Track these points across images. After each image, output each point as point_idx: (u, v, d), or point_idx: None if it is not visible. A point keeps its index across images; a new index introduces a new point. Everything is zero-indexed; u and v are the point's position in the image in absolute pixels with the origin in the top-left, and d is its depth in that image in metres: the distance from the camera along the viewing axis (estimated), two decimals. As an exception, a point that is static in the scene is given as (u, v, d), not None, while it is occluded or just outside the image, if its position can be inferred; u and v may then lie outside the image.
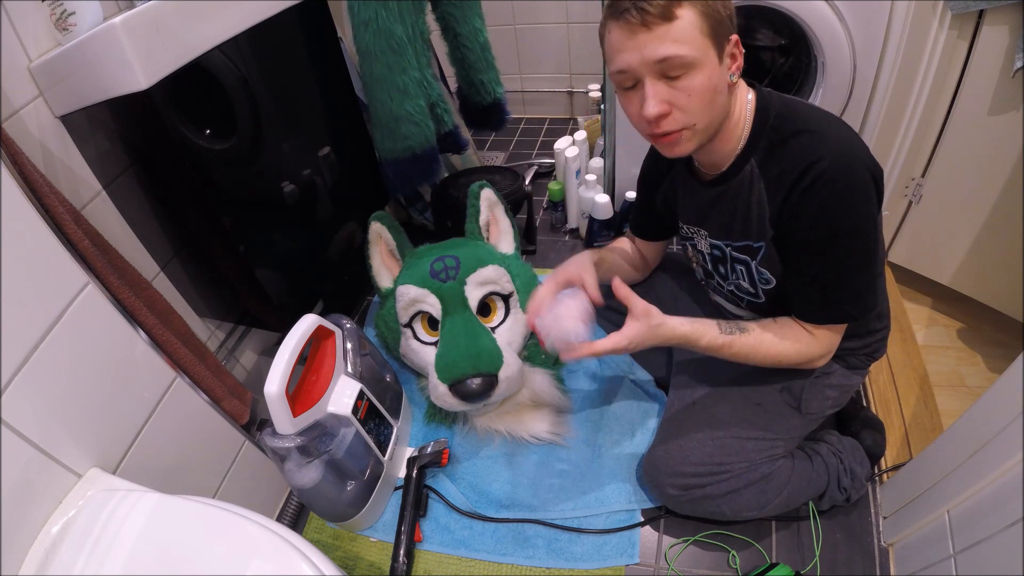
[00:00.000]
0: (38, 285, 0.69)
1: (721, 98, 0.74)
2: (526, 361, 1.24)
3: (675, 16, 0.67)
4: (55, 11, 0.84)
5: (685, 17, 0.67)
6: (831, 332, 0.84)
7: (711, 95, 0.72)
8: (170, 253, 1.12)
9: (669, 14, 0.67)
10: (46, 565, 0.64)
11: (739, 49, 0.73)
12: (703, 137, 0.77)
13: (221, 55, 0.98)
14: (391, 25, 1.26)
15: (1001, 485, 0.67)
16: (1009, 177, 1.14)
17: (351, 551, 1.08)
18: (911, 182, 1.35)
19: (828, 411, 0.96)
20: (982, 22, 1.08)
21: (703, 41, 0.68)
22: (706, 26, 0.68)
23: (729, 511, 0.93)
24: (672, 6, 0.67)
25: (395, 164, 1.43)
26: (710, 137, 0.78)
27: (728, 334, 0.84)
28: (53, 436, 0.69)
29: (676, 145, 0.77)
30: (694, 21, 0.67)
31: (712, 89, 0.71)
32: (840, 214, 0.73)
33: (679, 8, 0.67)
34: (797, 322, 0.84)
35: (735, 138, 0.79)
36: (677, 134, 0.75)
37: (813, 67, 1.35)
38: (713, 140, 0.79)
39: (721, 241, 0.89)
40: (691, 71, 0.69)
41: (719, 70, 0.71)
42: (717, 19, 0.69)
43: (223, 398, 1.00)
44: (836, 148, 0.72)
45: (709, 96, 0.72)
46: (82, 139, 0.94)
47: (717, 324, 0.85)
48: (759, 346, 0.84)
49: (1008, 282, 1.21)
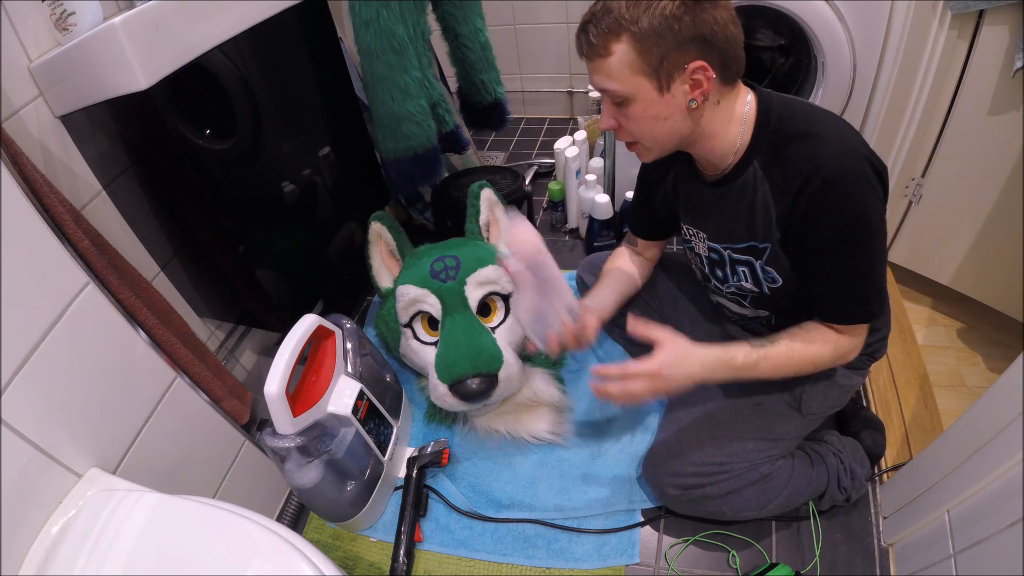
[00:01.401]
0: (38, 285, 0.69)
1: (668, 124, 0.76)
2: (526, 361, 1.24)
3: (609, 52, 0.71)
4: (55, 11, 0.84)
5: (617, 53, 0.70)
6: (859, 327, 0.83)
7: (651, 122, 0.76)
8: (170, 253, 1.12)
9: (603, 51, 0.71)
10: (46, 565, 0.64)
11: (705, 75, 0.71)
12: (658, 152, 0.81)
13: (221, 55, 0.98)
14: (392, 25, 1.26)
15: (1001, 485, 0.67)
16: (1009, 177, 1.14)
17: (351, 551, 1.08)
18: (911, 182, 1.35)
19: (828, 411, 0.96)
20: (982, 22, 1.08)
21: (633, 78, 0.71)
22: (640, 62, 0.70)
23: (729, 511, 0.93)
24: (608, 41, 0.70)
25: (397, 164, 1.44)
26: (672, 150, 0.82)
27: (760, 347, 0.83)
28: (53, 436, 0.69)
29: (640, 155, 0.83)
30: (625, 58, 0.70)
31: (651, 117, 0.75)
32: (852, 217, 0.73)
33: (615, 43, 0.70)
34: (823, 324, 0.84)
35: (732, 140, 0.79)
36: (636, 146, 0.82)
37: (813, 67, 1.35)
38: (695, 147, 0.81)
39: (720, 245, 0.89)
40: (626, 101, 0.74)
41: (659, 101, 0.73)
42: (657, 53, 0.69)
43: (223, 398, 1.00)
44: (838, 151, 0.72)
45: (648, 123, 0.76)
46: (82, 139, 0.94)
47: (747, 343, 0.84)
48: (792, 353, 0.83)
49: (1008, 282, 1.21)
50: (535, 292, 0.85)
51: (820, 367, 0.85)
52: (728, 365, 0.82)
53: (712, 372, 0.82)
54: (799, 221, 0.76)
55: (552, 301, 0.85)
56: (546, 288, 0.85)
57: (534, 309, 0.86)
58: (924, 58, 1.19)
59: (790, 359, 0.83)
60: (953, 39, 1.14)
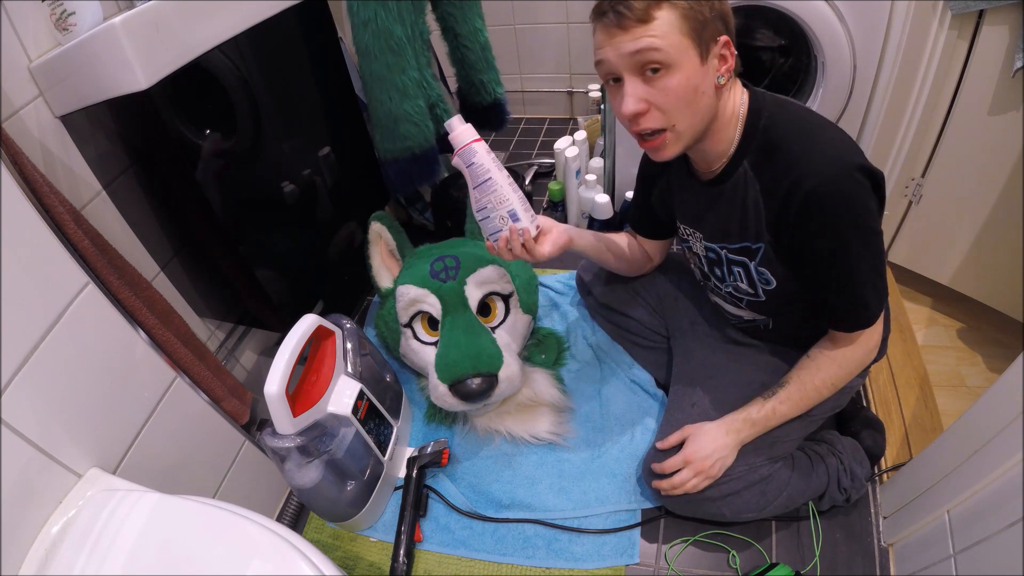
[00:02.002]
0: (38, 285, 0.69)
1: (704, 99, 0.73)
2: (526, 361, 1.24)
3: (652, 18, 0.68)
4: (55, 11, 0.84)
5: (662, 17, 0.68)
6: (859, 335, 0.84)
7: (691, 95, 0.71)
8: (170, 253, 1.12)
9: (646, 16, 0.68)
10: (46, 565, 0.64)
11: (730, 51, 0.72)
12: (688, 140, 0.76)
13: (221, 55, 0.98)
14: (390, 25, 1.26)
15: (1001, 485, 0.67)
16: (1009, 177, 1.14)
17: (351, 551, 1.08)
18: (911, 182, 1.34)
19: (828, 412, 0.96)
20: (982, 22, 1.08)
21: (680, 40, 0.68)
22: (686, 26, 0.68)
23: (729, 513, 0.93)
24: (650, 8, 0.68)
25: (395, 164, 1.43)
26: (696, 139, 0.78)
27: (772, 395, 0.89)
28: (53, 436, 0.69)
29: (661, 150, 0.77)
30: (671, 21, 0.68)
31: (692, 89, 0.71)
32: (841, 227, 0.72)
33: (657, 10, 0.68)
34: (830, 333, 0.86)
35: (727, 139, 0.79)
36: (661, 137, 0.75)
37: (813, 67, 1.35)
38: (703, 141, 0.80)
39: (716, 244, 0.89)
40: (668, 70, 0.69)
41: (701, 71, 0.71)
42: (700, 20, 0.69)
43: (223, 398, 1.00)
44: (823, 161, 0.71)
45: (688, 96, 0.71)
46: (82, 139, 0.94)
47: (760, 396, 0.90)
48: (804, 386, 0.87)
49: (1008, 282, 1.21)
50: (473, 185, 0.86)
51: (840, 386, 0.88)
52: (749, 420, 0.89)
53: (739, 432, 0.90)
54: (791, 228, 0.76)
55: (489, 198, 0.85)
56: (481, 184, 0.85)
57: (475, 204, 0.87)
58: (924, 58, 1.19)
59: (805, 392, 0.87)
60: (953, 39, 1.13)
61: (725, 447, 0.89)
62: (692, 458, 0.89)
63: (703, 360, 1.04)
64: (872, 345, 0.85)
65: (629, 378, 1.24)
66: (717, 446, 0.89)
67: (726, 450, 0.89)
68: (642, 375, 1.24)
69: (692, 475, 0.90)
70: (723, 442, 0.89)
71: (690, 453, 0.89)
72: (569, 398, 1.23)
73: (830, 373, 0.86)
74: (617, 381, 1.25)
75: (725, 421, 0.91)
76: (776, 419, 0.89)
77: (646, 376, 1.24)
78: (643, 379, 1.23)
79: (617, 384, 1.25)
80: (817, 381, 0.87)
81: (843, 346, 0.85)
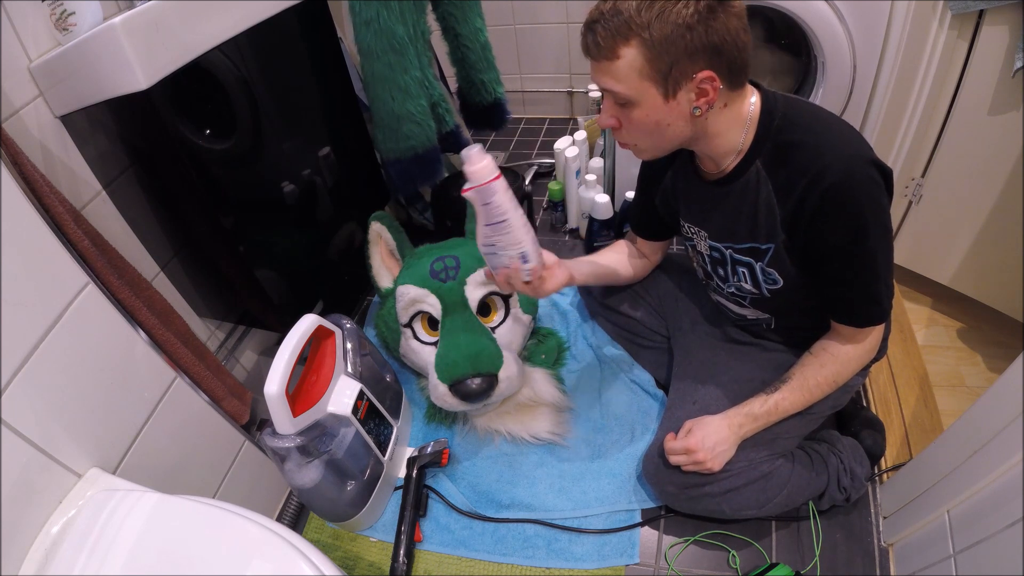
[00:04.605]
0: (38, 285, 0.69)
1: (670, 131, 0.76)
2: (526, 361, 1.24)
3: (616, 56, 0.69)
4: (55, 11, 0.84)
5: (626, 57, 0.69)
6: (868, 331, 0.85)
7: (651, 128, 0.75)
8: (170, 253, 1.12)
9: (611, 54, 0.70)
10: (46, 565, 0.64)
11: (712, 84, 0.70)
12: (654, 154, 0.82)
13: (221, 55, 0.98)
14: (392, 25, 1.27)
15: (1001, 485, 0.67)
16: (1009, 177, 1.14)
17: (351, 551, 1.08)
18: (911, 182, 1.34)
19: (828, 411, 0.96)
20: (982, 22, 1.08)
21: (639, 83, 0.70)
22: (648, 68, 0.69)
23: (729, 509, 0.93)
24: (616, 44, 0.69)
25: (397, 164, 1.44)
26: (668, 152, 0.82)
27: (774, 390, 0.89)
28: (53, 436, 0.69)
29: (636, 154, 0.83)
30: (634, 63, 0.69)
31: (652, 123, 0.74)
32: (858, 223, 0.73)
33: (624, 47, 0.69)
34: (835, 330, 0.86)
35: (735, 140, 0.79)
36: (632, 145, 0.82)
37: (813, 67, 1.35)
38: (699, 147, 0.81)
39: (721, 244, 0.89)
40: (629, 104, 0.73)
41: (663, 108, 0.72)
42: (670, 59, 0.68)
43: (223, 398, 1.00)
44: (843, 155, 0.72)
45: (649, 128, 0.75)
46: (82, 139, 0.94)
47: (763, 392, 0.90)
48: (806, 381, 0.88)
49: (1008, 282, 1.21)
50: (485, 222, 0.84)
51: (841, 382, 0.89)
52: (751, 414, 0.89)
53: (740, 427, 0.89)
54: (807, 225, 0.76)
55: (502, 237, 0.84)
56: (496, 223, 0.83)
57: (484, 239, 0.86)
58: (924, 58, 1.19)
59: (807, 388, 0.88)
60: (953, 39, 1.13)
61: (726, 440, 0.89)
62: (694, 448, 0.89)
63: (704, 358, 1.05)
64: (875, 343, 0.86)
65: (629, 378, 1.25)
66: (719, 438, 0.88)
67: (727, 443, 0.89)
68: (642, 375, 1.24)
69: (695, 467, 0.90)
70: (725, 435, 0.89)
71: (692, 443, 0.89)
72: (569, 398, 1.23)
73: (833, 369, 0.87)
74: (617, 381, 1.25)
75: (727, 415, 0.91)
76: (778, 414, 0.89)
77: (646, 376, 1.24)
78: (643, 379, 1.23)
79: (617, 384, 1.25)
80: (820, 377, 0.87)
81: (847, 343, 0.85)
